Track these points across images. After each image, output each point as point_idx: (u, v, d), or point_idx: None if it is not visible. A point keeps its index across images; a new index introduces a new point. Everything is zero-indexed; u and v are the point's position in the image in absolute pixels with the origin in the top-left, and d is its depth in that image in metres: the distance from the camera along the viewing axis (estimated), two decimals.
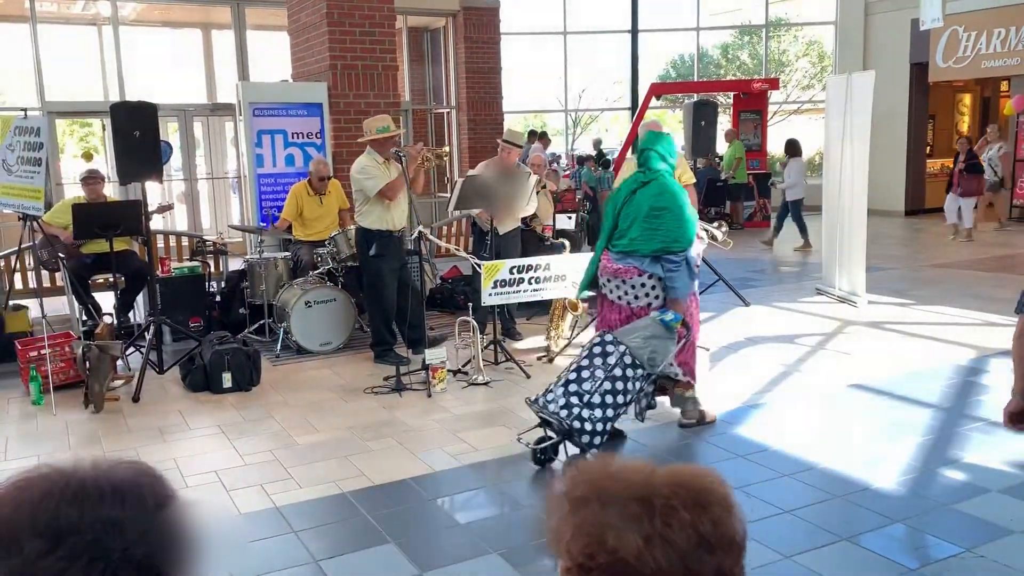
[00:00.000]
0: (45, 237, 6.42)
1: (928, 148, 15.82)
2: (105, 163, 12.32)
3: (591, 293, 5.05)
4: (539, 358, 6.29)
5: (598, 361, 4.12)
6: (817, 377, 5.66)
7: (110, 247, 6.31)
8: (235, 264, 8.23)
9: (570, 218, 10.03)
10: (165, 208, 8.05)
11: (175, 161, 12.19)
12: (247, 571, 3.25)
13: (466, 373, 5.85)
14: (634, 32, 17.41)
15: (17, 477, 0.91)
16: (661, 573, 0.91)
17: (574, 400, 4.05)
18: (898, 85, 14.70)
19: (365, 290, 6.45)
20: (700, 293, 8.18)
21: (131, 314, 7.28)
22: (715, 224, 7.09)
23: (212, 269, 7.80)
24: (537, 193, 7.32)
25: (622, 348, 4.14)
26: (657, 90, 15.46)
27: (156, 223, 7.47)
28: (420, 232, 6.02)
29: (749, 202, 14.22)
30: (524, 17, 17.30)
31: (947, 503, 3.70)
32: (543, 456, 4.21)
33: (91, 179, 7.01)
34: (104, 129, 12.14)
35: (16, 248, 6.83)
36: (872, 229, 8.14)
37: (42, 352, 5.61)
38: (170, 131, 12.08)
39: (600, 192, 13.15)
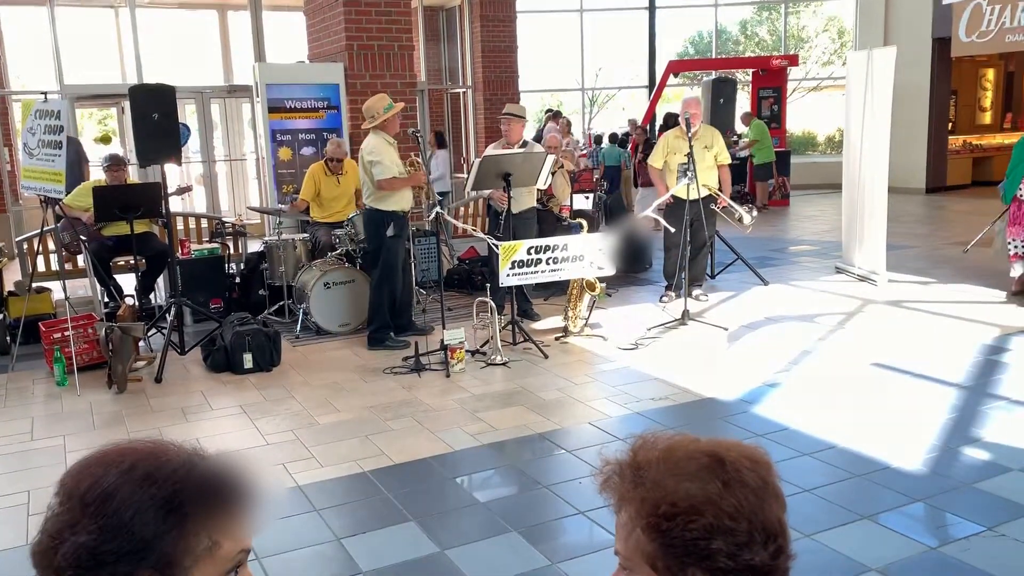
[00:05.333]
0: (67, 220, 6.47)
1: (950, 124, 15.61)
2: (122, 146, 12.38)
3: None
4: (557, 338, 6.30)
5: None
6: (837, 356, 5.64)
7: (131, 229, 6.36)
8: (254, 246, 8.28)
9: (587, 198, 9.99)
10: (184, 190, 8.10)
11: (193, 143, 12.24)
12: (271, 548, 3.30)
13: (484, 353, 5.87)
14: (651, 9, 17.25)
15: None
16: (741, 512, 0.97)
17: None
18: (920, 61, 14.49)
19: (378, 271, 6.31)
20: (718, 273, 8.23)
21: (152, 296, 7.34)
22: (746, 207, 7.04)
23: (231, 251, 7.85)
24: (554, 174, 7.30)
25: None
26: (675, 68, 15.34)
27: (175, 205, 7.52)
28: (437, 213, 6.03)
29: (769, 180, 14.11)
30: None
31: (968, 482, 3.69)
32: None
33: (115, 167, 7.03)
34: (122, 112, 12.19)
35: (39, 231, 6.90)
36: (892, 207, 8.06)
37: (66, 334, 5.68)
38: (187, 113, 12.11)
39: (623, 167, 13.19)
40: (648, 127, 14.51)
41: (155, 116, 5.83)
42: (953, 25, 13.73)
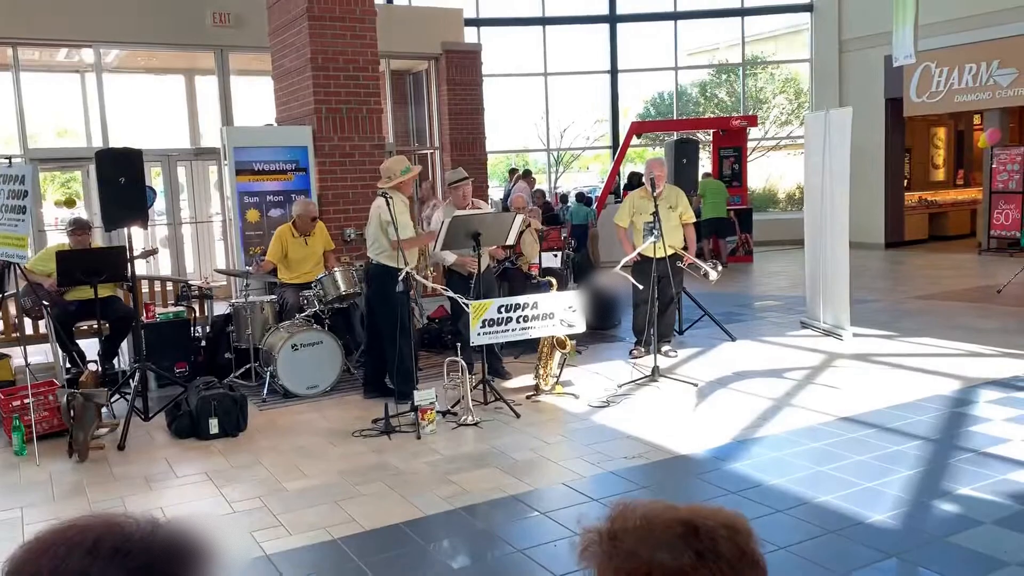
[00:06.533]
0: (28, 284, 6.37)
1: (906, 181, 16.05)
2: (86, 209, 12.28)
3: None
4: (528, 396, 6.28)
5: None
6: (806, 411, 5.67)
7: (94, 293, 6.27)
8: (220, 308, 8.18)
9: (556, 256, 10.07)
10: (149, 253, 8.03)
11: (159, 205, 12.19)
12: None
13: (455, 414, 5.82)
14: (613, 72, 17.69)
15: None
16: None
17: None
18: (874, 120, 14.96)
19: (388, 328, 6.20)
20: (686, 329, 8.29)
21: (116, 360, 7.20)
22: (711, 263, 7.15)
23: (197, 314, 7.75)
24: (522, 232, 7.37)
25: None
26: (638, 129, 15.65)
27: (140, 268, 7.43)
28: (408, 273, 6.04)
29: (732, 237, 14.33)
30: (505, 58, 17.50)
31: (941, 536, 3.70)
32: None
33: (79, 230, 6.94)
34: (87, 175, 12.12)
35: None
36: (854, 262, 8.22)
37: (25, 401, 5.53)
38: (153, 176, 12.08)
39: (590, 226, 13.45)
40: (615, 186, 14.72)
41: (121, 180, 5.81)
42: (904, 86, 14.28)
